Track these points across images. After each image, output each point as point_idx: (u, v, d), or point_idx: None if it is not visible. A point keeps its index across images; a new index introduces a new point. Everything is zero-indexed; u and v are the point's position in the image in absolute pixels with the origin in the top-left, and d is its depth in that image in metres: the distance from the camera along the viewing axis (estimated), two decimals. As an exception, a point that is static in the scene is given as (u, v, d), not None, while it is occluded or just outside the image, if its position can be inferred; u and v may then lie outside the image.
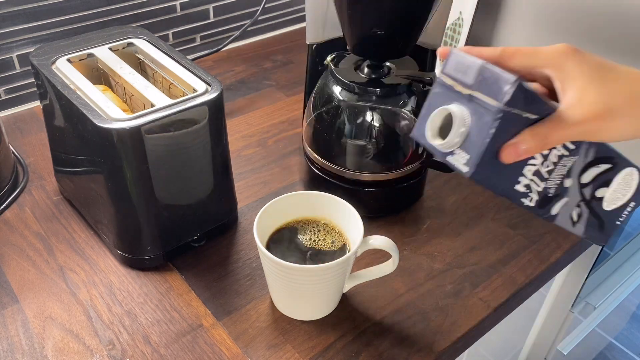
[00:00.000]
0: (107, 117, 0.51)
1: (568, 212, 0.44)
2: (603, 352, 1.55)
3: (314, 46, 0.68)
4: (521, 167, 0.39)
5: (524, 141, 0.36)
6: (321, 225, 0.56)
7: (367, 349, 0.53)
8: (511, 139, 0.37)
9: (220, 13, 0.99)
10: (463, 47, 0.41)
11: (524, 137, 0.36)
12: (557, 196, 0.43)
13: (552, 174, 0.41)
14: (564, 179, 0.42)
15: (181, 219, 0.59)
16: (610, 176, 0.44)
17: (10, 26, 0.78)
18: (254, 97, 0.89)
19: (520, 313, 0.69)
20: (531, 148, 0.36)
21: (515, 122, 0.37)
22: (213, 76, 0.57)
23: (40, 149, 0.76)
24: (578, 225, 0.45)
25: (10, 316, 0.54)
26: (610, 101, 0.36)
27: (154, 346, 0.52)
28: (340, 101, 0.63)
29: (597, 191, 0.44)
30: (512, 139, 0.37)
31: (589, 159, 0.42)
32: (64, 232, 0.64)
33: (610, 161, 0.43)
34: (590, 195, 0.44)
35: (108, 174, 0.54)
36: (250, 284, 0.58)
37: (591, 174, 0.43)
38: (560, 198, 0.43)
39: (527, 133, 0.36)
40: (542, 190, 0.42)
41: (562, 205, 0.43)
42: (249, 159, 0.76)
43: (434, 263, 0.62)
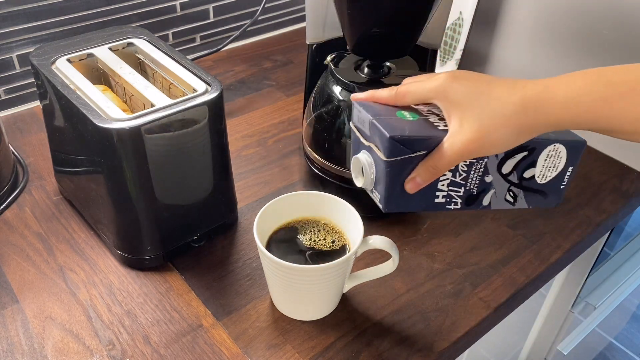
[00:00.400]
0: (107, 117, 0.51)
1: (501, 198, 0.48)
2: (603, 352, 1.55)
3: (314, 46, 0.68)
4: (434, 185, 0.45)
5: (418, 175, 0.43)
6: (321, 225, 0.56)
7: (367, 349, 0.53)
8: (409, 174, 0.43)
9: (220, 13, 0.99)
10: (363, 94, 0.47)
11: (418, 171, 0.43)
12: (482, 191, 0.47)
13: (468, 179, 0.46)
14: (483, 177, 0.46)
15: (181, 219, 0.59)
16: (533, 158, 0.46)
17: (10, 26, 0.78)
18: (254, 97, 0.89)
19: (520, 313, 0.69)
20: (427, 179, 0.43)
21: (406, 162, 0.43)
22: (213, 76, 0.57)
23: (40, 149, 0.76)
24: (519, 203, 0.49)
25: (10, 316, 0.54)
26: (485, 123, 0.40)
27: (154, 346, 0.52)
28: (340, 101, 0.63)
29: (525, 173, 0.47)
30: (410, 174, 0.43)
31: (501, 156, 0.45)
32: (64, 232, 0.63)
33: (525, 149, 0.45)
34: (518, 179, 0.47)
35: (108, 174, 0.54)
36: (250, 284, 0.58)
37: (510, 164, 0.46)
38: (487, 192, 0.47)
39: (419, 167, 0.43)
40: (462, 193, 0.46)
41: (491, 196, 0.47)
42: (249, 159, 0.76)
43: (434, 263, 0.62)
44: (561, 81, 0.40)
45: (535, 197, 0.49)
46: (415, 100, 0.45)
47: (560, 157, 0.47)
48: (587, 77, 0.39)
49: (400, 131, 0.42)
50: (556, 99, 0.39)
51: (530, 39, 0.83)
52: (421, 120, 0.44)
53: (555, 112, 0.39)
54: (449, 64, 0.89)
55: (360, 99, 0.47)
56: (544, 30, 0.81)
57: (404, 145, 0.42)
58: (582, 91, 0.39)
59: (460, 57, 0.87)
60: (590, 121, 0.39)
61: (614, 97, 0.38)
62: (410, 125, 0.43)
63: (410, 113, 0.45)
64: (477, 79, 0.42)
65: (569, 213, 0.69)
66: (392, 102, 0.46)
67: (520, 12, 0.83)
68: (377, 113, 0.44)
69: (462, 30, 0.86)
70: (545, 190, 0.49)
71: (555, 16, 0.79)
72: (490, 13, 0.87)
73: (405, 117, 0.44)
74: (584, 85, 0.39)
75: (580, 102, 0.39)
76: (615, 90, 0.38)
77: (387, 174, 0.43)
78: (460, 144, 0.41)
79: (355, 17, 0.57)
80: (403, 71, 0.63)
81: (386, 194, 0.44)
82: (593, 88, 0.38)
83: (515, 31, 0.85)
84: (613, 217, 0.70)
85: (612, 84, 0.38)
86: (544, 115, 0.40)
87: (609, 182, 0.74)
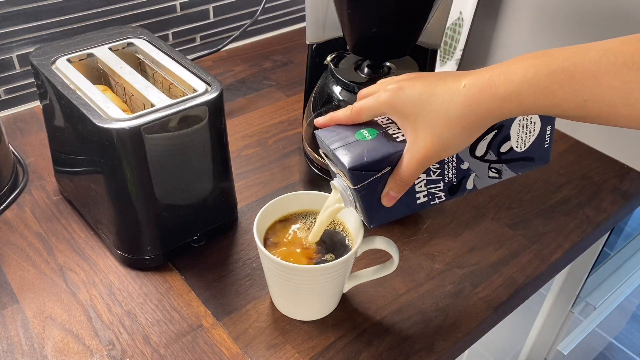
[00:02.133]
0: (107, 117, 0.51)
1: (484, 177, 0.48)
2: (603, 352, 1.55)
3: (314, 46, 0.68)
4: (411, 189, 0.46)
5: (390, 189, 0.44)
6: None
7: (367, 349, 0.53)
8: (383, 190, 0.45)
9: (220, 13, 0.99)
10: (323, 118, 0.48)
11: (389, 186, 0.44)
12: (463, 178, 0.47)
13: (443, 173, 0.46)
14: (459, 166, 0.47)
15: (181, 219, 0.59)
16: (504, 133, 0.46)
17: (10, 26, 0.78)
18: (254, 97, 0.89)
19: (520, 313, 0.69)
20: (399, 191, 0.44)
21: (375, 182, 0.44)
22: (213, 76, 0.57)
23: (40, 149, 0.76)
24: (505, 174, 0.49)
25: (10, 316, 0.54)
26: (437, 129, 0.41)
27: (153, 346, 0.52)
28: (340, 101, 0.63)
29: (501, 148, 0.47)
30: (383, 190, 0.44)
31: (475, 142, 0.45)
32: (64, 232, 0.63)
33: (492, 129, 0.46)
34: (496, 156, 0.47)
35: (108, 174, 0.54)
36: (250, 284, 0.58)
37: (482, 147, 0.46)
38: (468, 177, 0.47)
39: (389, 182, 0.44)
40: (443, 187, 0.47)
41: (473, 178, 0.48)
42: (249, 159, 0.76)
43: (434, 263, 0.62)
44: (502, 71, 0.40)
45: (520, 164, 0.49)
46: (370, 116, 0.46)
47: (534, 122, 0.47)
48: (528, 67, 0.39)
49: (359, 159, 0.43)
50: (498, 94, 0.39)
51: (530, 38, 0.83)
52: (380, 137, 0.45)
53: (498, 106, 0.40)
54: (449, 64, 0.89)
55: (321, 123, 0.48)
56: (544, 29, 0.81)
57: (367, 170, 0.43)
58: (524, 83, 0.39)
59: (460, 57, 0.87)
60: (534, 110, 0.39)
61: (555, 87, 0.38)
62: (370, 147, 0.44)
63: (369, 130, 0.45)
64: (421, 83, 0.43)
65: (569, 213, 0.69)
66: (350, 122, 0.47)
67: (520, 12, 0.83)
68: (336, 141, 0.45)
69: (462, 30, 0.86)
70: (530, 155, 0.49)
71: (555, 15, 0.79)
72: (490, 13, 0.87)
73: (365, 137, 0.45)
74: (525, 76, 0.39)
75: (521, 94, 0.39)
76: (555, 79, 0.38)
77: (360, 198, 0.45)
78: (419, 154, 0.42)
79: (355, 17, 0.57)
80: (403, 71, 0.63)
81: (367, 213, 0.46)
82: (534, 79, 0.38)
83: (516, 31, 0.85)
84: (613, 217, 0.70)
85: (552, 73, 0.38)
86: (487, 110, 0.40)
87: (609, 182, 0.74)
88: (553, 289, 0.94)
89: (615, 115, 0.37)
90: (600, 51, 0.37)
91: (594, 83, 0.37)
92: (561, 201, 0.71)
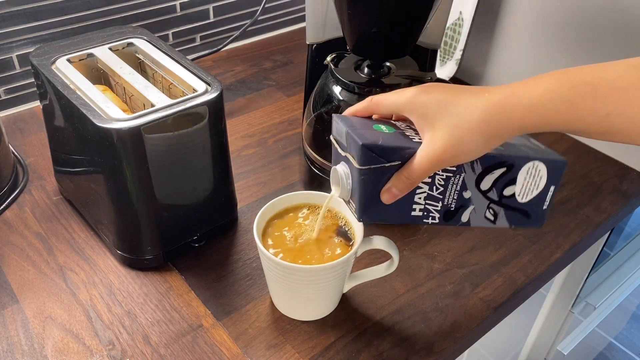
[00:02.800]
0: (107, 117, 0.51)
1: (480, 215, 0.47)
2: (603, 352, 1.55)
3: (314, 46, 0.68)
4: (411, 197, 0.45)
5: (394, 185, 0.43)
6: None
7: (367, 349, 0.53)
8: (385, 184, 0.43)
9: (220, 13, 0.99)
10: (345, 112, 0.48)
11: (393, 182, 0.43)
12: (461, 207, 0.46)
13: (445, 193, 0.45)
14: (461, 192, 0.46)
15: (181, 219, 0.59)
16: (512, 175, 0.46)
17: (10, 26, 0.78)
18: (254, 97, 0.89)
19: (520, 313, 0.69)
20: (402, 189, 0.43)
21: (381, 172, 0.43)
22: (213, 76, 0.57)
23: (40, 149, 0.76)
24: (499, 221, 0.48)
25: (10, 316, 0.54)
26: (455, 132, 0.41)
27: (154, 346, 0.52)
28: (340, 101, 0.63)
29: (505, 190, 0.47)
30: (385, 185, 0.43)
31: (479, 171, 0.45)
32: (64, 232, 0.63)
33: (503, 165, 0.45)
34: (498, 197, 0.47)
35: (108, 174, 0.54)
36: (250, 284, 0.58)
37: (488, 181, 0.46)
38: (465, 208, 0.47)
39: (394, 178, 0.43)
40: (440, 208, 0.46)
41: (470, 212, 0.47)
42: (249, 159, 0.76)
43: (434, 263, 0.62)
44: (526, 85, 0.40)
45: (516, 216, 0.48)
46: (388, 109, 0.46)
47: (541, 176, 0.47)
48: (551, 80, 0.39)
49: (373, 140, 0.42)
50: (521, 103, 0.40)
51: (530, 38, 0.83)
52: (397, 133, 0.44)
53: (520, 116, 0.40)
54: (449, 64, 0.89)
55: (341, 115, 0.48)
56: (544, 29, 0.81)
57: (377, 154, 0.42)
58: (546, 94, 0.39)
59: (460, 57, 0.87)
60: (556, 123, 0.40)
61: (577, 99, 0.38)
62: (384, 136, 0.43)
63: (387, 126, 0.45)
64: (445, 90, 0.43)
65: (569, 213, 0.69)
66: (368, 111, 0.47)
67: (520, 12, 0.83)
68: (353, 125, 0.45)
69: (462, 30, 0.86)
70: (527, 210, 0.49)
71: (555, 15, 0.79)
72: (490, 13, 0.87)
73: (382, 130, 0.44)
74: (548, 88, 0.39)
75: (544, 105, 0.39)
76: (578, 92, 0.38)
77: (361, 183, 0.43)
78: (433, 154, 0.42)
79: (355, 17, 0.57)
80: (403, 71, 0.63)
81: (361, 203, 0.44)
82: (557, 91, 0.39)
83: (516, 31, 0.84)
84: (613, 217, 0.70)
85: (575, 86, 0.38)
86: (509, 119, 0.40)
87: (609, 182, 0.74)
88: (553, 289, 0.94)
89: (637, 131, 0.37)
90: (624, 67, 0.37)
91: (617, 97, 0.37)
92: (561, 201, 0.71)
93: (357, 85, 0.61)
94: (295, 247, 0.52)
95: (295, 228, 0.53)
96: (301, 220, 0.54)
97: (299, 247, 0.52)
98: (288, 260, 0.50)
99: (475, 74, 0.93)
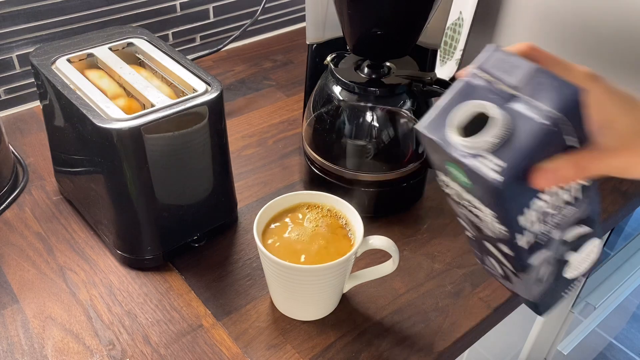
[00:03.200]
0: (107, 117, 0.51)
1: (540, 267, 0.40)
2: (603, 352, 1.56)
3: (314, 46, 0.68)
4: (531, 199, 0.35)
5: (563, 167, 0.33)
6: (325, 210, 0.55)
7: (367, 349, 0.53)
8: (546, 161, 0.33)
9: (220, 13, 0.99)
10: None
11: (564, 164, 0.33)
12: (543, 245, 0.38)
13: (552, 219, 0.37)
14: (555, 230, 0.38)
15: (181, 219, 0.59)
16: (583, 241, 0.40)
17: (10, 26, 0.78)
18: (254, 97, 0.89)
19: (520, 313, 0.69)
20: (569, 176, 0.33)
21: (557, 141, 0.32)
22: (213, 76, 0.57)
23: (40, 149, 0.76)
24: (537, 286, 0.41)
25: (10, 316, 0.54)
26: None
27: (154, 346, 0.52)
28: (340, 101, 0.63)
29: (567, 253, 0.40)
30: (547, 162, 0.33)
31: (581, 216, 0.39)
32: (64, 232, 0.63)
33: (592, 226, 0.40)
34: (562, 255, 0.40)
35: (108, 174, 0.54)
36: (250, 284, 0.58)
37: (574, 233, 0.39)
38: (544, 248, 0.38)
39: (566, 160, 0.33)
40: (537, 232, 0.37)
41: (542, 258, 0.39)
42: (249, 159, 0.76)
43: (434, 263, 0.62)
44: None
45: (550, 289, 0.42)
46: None
47: (590, 259, 0.41)
48: None
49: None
50: None
51: (530, 38, 0.83)
52: None
53: None
54: (449, 64, 0.89)
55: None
56: (544, 30, 0.81)
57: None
58: None
59: (460, 57, 0.87)
60: None
61: None
62: None
63: None
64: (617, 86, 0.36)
65: (569, 213, 0.69)
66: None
67: (520, 12, 0.83)
68: None
69: (462, 30, 0.86)
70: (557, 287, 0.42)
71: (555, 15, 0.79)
72: (490, 13, 0.87)
73: None
74: None
75: None
76: None
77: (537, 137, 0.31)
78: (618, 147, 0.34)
79: (355, 17, 0.57)
80: (403, 71, 0.63)
81: (518, 163, 0.32)
82: None
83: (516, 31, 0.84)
84: (613, 217, 0.70)
85: None
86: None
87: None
88: (553, 289, 0.94)
89: None
90: None
91: None
92: (561, 201, 0.71)
93: (357, 85, 0.61)
94: (295, 247, 0.52)
95: (295, 228, 0.53)
96: (301, 220, 0.54)
97: (299, 247, 0.52)
98: (288, 260, 0.50)
99: (475, 74, 0.93)
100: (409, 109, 0.63)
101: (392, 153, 0.65)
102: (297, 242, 0.52)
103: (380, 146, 0.64)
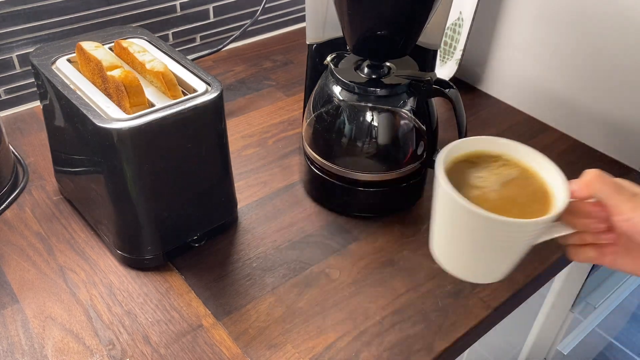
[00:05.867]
0: (107, 117, 0.51)
1: None
2: (603, 352, 1.55)
3: (314, 46, 0.68)
4: None
5: None
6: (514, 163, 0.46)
7: (367, 349, 0.53)
8: None
9: (220, 13, 0.99)
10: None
11: None
12: None
13: None
14: None
15: (181, 219, 0.59)
16: None
17: (10, 26, 0.78)
18: (254, 97, 0.89)
19: (520, 313, 0.69)
20: None
21: None
22: (213, 76, 0.57)
23: (40, 149, 0.76)
24: None
25: (10, 316, 0.55)
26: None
27: (154, 346, 0.52)
28: (340, 101, 0.63)
29: None
30: None
31: None
32: (64, 232, 0.64)
33: None
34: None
35: (108, 174, 0.54)
36: (250, 284, 0.58)
37: None
38: None
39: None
40: None
41: None
42: (249, 159, 0.76)
43: (433, 263, 0.62)
44: None
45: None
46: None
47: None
48: None
49: None
50: None
51: (530, 39, 0.83)
52: None
53: None
54: (449, 64, 0.89)
55: None
56: (544, 29, 0.81)
57: None
58: None
59: (460, 57, 0.87)
60: None
61: None
62: None
63: None
64: None
65: (569, 213, 0.69)
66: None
67: (520, 12, 0.83)
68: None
69: (462, 30, 0.86)
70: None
71: (555, 15, 0.79)
72: (490, 13, 0.87)
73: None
74: None
75: None
76: None
77: None
78: None
79: (355, 17, 0.57)
80: (403, 71, 0.63)
81: None
82: None
83: (515, 31, 0.85)
84: (613, 217, 0.70)
85: None
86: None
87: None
88: (553, 289, 0.94)
89: None
90: None
91: None
92: (561, 201, 0.71)
93: (357, 85, 0.61)
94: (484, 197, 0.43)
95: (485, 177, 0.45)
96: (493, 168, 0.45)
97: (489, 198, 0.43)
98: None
99: (475, 74, 0.93)
100: (409, 109, 0.63)
101: (392, 153, 0.65)
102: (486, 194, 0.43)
103: (380, 146, 0.64)
